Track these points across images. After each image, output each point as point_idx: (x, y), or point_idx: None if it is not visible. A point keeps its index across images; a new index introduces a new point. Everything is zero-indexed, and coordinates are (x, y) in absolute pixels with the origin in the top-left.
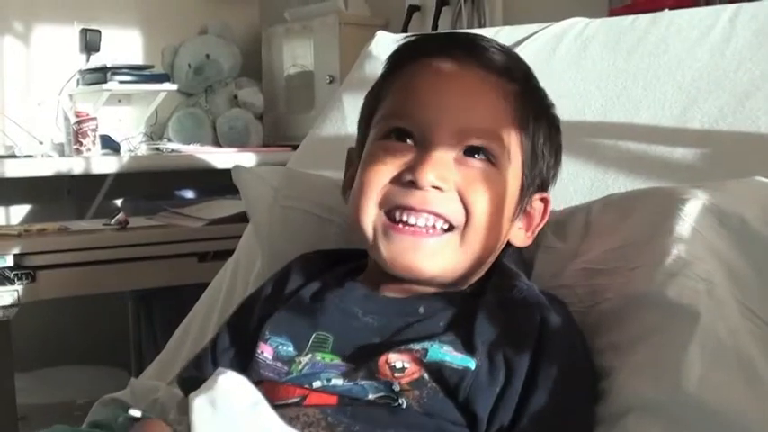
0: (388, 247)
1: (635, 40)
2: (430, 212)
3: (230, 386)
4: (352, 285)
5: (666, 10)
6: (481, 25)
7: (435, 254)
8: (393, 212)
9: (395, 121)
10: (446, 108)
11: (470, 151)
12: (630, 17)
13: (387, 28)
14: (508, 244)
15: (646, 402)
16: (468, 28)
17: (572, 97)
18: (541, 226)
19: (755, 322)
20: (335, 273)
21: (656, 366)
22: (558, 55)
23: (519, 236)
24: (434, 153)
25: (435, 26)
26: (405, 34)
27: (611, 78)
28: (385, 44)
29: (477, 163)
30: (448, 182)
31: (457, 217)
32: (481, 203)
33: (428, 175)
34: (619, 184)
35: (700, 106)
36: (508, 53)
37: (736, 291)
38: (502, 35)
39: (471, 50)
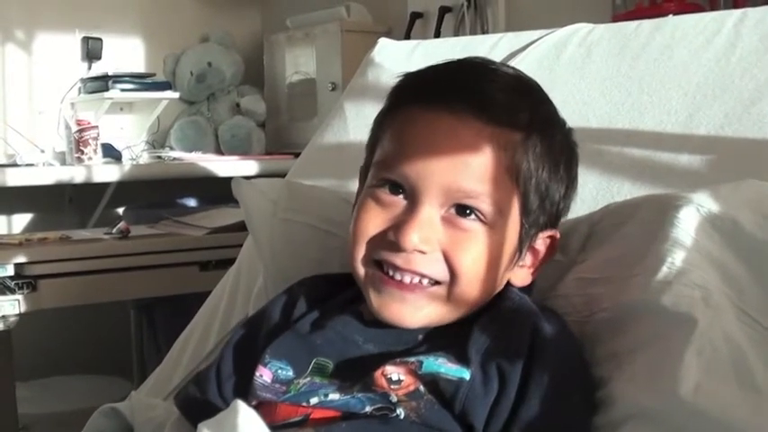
0: (376, 298)
1: (639, 45)
2: (414, 272)
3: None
4: (353, 313)
5: (671, 15)
6: (484, 31)
7: (421, 308)
8: (381, 264)
9: (386, 173)
10: (436, 166)
11: (460, 209)
12: (634, 23)
13: (389, 35)
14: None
15: (643, 410)
16: (470, 34)
17: (576, 104)
18: (546, 262)
19: (752, 326)
20: (339, 300)
21: (653, 374)
22: (561, 61)
23: (520, 275)
24: (421, 212)
25: (438, 33)
26: (407, 41)
27: (616, 85)
28: (387, 51)
29: (466, 223)
30: (431, 244)
31: (441, 276)
32: (467, 263)
33: (411, 238)
34: (624, 191)
35: (705, 112)
36: (515, 90)
37: (732, 294)
38: (504, 42)
39: (471, 99)
